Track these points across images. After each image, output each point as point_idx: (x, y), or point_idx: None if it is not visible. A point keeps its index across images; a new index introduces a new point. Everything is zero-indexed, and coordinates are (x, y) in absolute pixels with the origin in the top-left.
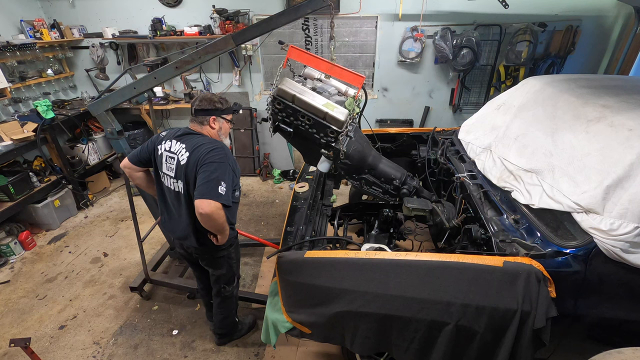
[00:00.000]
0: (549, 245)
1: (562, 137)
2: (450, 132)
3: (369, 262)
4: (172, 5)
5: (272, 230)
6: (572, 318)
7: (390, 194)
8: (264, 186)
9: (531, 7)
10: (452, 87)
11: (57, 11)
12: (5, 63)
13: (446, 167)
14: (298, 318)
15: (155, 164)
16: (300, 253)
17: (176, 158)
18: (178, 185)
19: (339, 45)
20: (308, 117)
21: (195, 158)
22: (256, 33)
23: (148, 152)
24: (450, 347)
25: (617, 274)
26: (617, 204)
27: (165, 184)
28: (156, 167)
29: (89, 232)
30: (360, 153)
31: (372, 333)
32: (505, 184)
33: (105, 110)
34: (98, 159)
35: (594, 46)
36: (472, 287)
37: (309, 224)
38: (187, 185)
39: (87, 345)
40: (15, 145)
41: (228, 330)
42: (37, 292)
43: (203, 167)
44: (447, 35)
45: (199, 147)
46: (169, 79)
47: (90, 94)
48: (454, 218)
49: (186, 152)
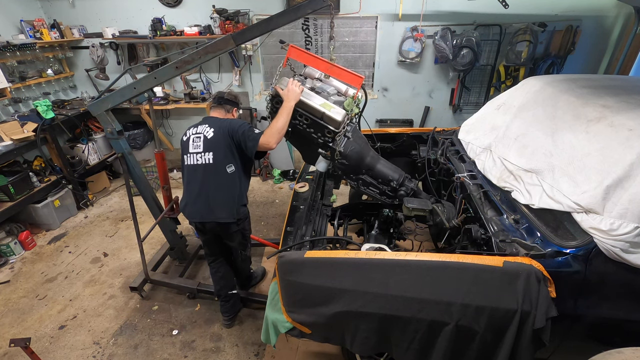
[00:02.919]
0: (549, 245)
1: (562, 137)
2: (450, 132)
3: (369, 262)
4: (172, 5)
5: (272, 230)
6: (572, 318)
7: (388, 195)
8: (264, 186)
9: (531, 7)
10: (452, 87)
11: (57, 11)
12: (5, 63)
13: (446, 167)
14: (298, 318)
15: (182, 153)
16: (300, 253)
17: (202, 136)
18: (207, 157)
19: (339, 45)
20: (306, 116)
21: (221, 131)
22: (256, 33)
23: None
24: (450, 347)
25: (617, 274)
26: (617, 204)
27: (192, 163)
28: (183, 154)
29: (89, 232)
30: (357, 153)
31: (372, 333)
32: (505, 184)
33: (105, 110)
34: (98, 159)
35: (594, 46)
36: (472, 287)
37: (309, 224)
38: (216, 154)
39: (87, 345)
40: (15, 145)
41: (247, 281)
42: (37, 292)
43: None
44: (447, 35)
45: (221, 123)
46: (169, 79)
47: (90, 94)
48: (454, 218)
49: (211, 128)
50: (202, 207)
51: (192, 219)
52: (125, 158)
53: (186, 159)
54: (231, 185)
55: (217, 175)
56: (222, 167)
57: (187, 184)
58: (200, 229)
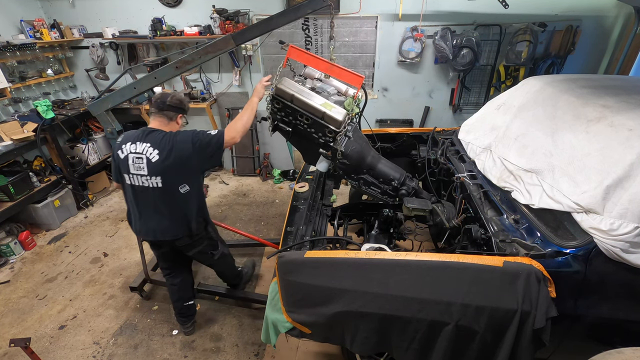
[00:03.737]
0: (549, 245)
1: (562, 137)
2: (450, 132)
3: (369, 262)
4: (172, 5)
5: (272, 230)
6: (572, 318)
7: (389, 194)
8: (264, 186)
9: (531, 7)
10: (452, 87)
11: (57, 11)
12: (5, 63)
13: (446, 167)
14: (298, 318)
15: (120, 168)
16: (300, 253)
17: (144, 157)
18: (154, 182)
19: (339, 45)
20: (306, 116)
21: (167, 153)
22: (256, 33)
23: (115, 163)
24: (450, 347)
25: (617, 274)
26: (617, 204)
27: (136, 184)
28: (122, 172)
29: (89, 232)
30: (358, 153)
31: (372, 333)
32: (505, 184)
33: (105, 110)
34: (98, 159)
35: (594, 46)
36: (472, 287)
37: (309, 224)
38: (166, 177)
39: (87, 345)
40: (15, 145)
41: (237, 280)
42: (37, 292)
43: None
44: (447, 35)
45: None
46: (169, 79)
47: (90, 94)
48: (454, 218)
49: (154, 150)
50: (156, 225)
51: (146, 238)
52: None
53: (127, 179)
54: (186, 205)
55: (169, 196)
56: (173, 189)
57: (136, 204)
58: (156, 244)
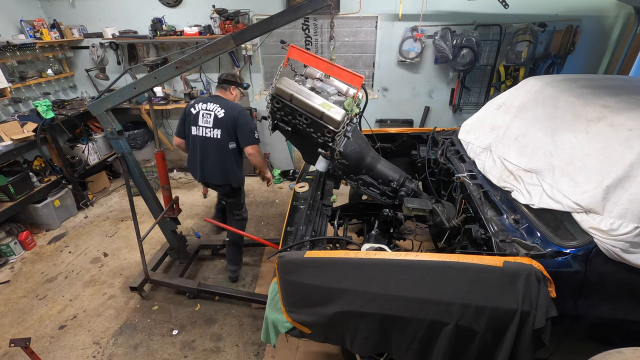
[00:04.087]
0: (549, 245)
1: (562, 137)
2: (450, 132)
3: (369, 262)
4: (172, 5)
5: (272, 230)
6: (572, 318)
7: (388, 195)
8: (264, 186)
9: (531, 7)
10: (452, 87)
11: (57, 11)
12: (5, 63)
13: (446, 167)
14: (298, 318)
15: (189, 121)
16: (300, 253)
17: (213, 114)
18: (215, 133)
19: (339, 45)
20: (305, 116)
21: (230, 116)
22: (256, 33)
23: (182, 121)
24: (450, 347)
25: (617, 274)
26: (617, 204)
27: (200, 134)
28: (189, 124)
29: (89, 232)
30: (357, 154)
31: (372, 333)
32: (505, 184)
33: (106, 110)
34: (98, 159)
35: (594, 46)
36: (472, 287)
37: (309, 224)
38: (223, 132)
39: (87, 345)
40: (15, 145)
41: (237, 255)
42: (37, 292)
43: (240, 126)
44: (447, 35)
45: (231, 108)
46: (169, 79)
47: (90, 94)
48: (454, 218)
49: (222, 109)
50: (210, 172)
51: (200, 180)
52: (125, 158)
53: (194, 130)
54: (231, 160)
55: (222, 148)
56: (226, 143)
57: (199, 152)
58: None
